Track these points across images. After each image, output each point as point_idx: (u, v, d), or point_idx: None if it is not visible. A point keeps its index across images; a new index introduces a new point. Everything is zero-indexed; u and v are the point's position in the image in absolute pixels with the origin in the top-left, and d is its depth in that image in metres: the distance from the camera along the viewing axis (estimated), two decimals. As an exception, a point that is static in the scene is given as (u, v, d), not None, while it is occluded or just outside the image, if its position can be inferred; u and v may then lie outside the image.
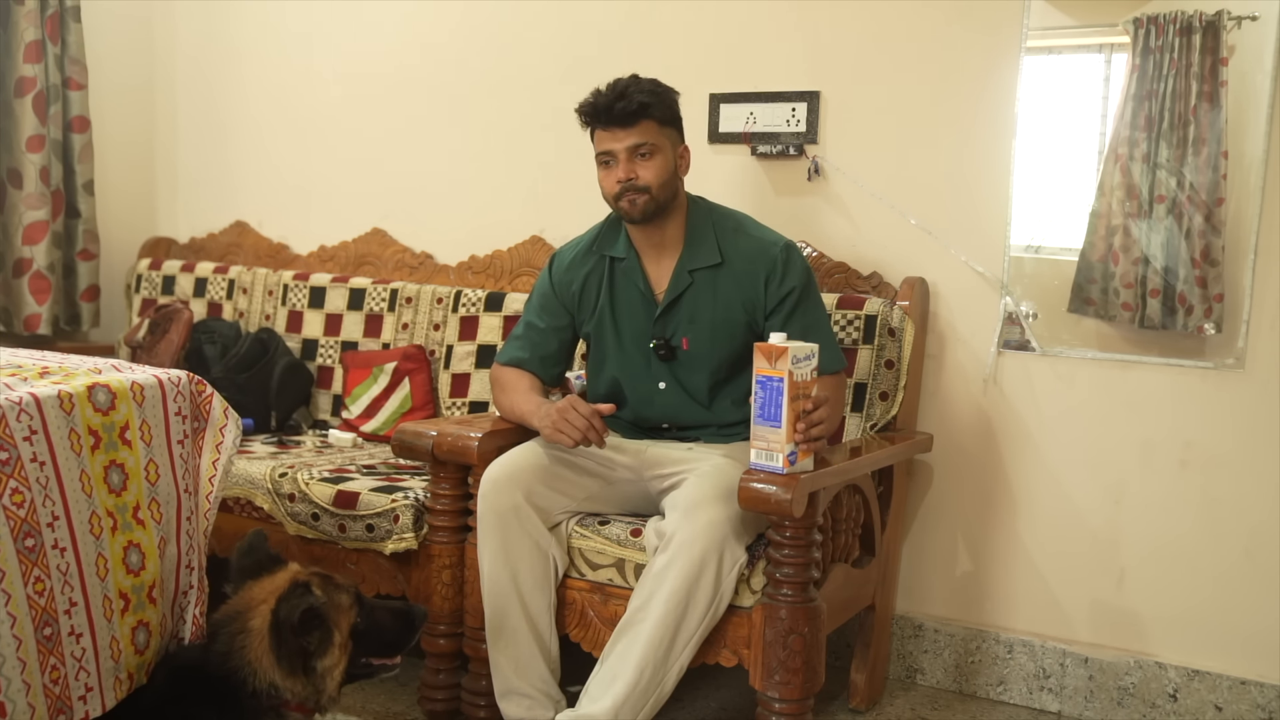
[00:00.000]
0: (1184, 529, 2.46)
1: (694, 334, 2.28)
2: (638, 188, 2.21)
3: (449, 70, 3.22)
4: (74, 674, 1.64)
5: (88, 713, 1.66)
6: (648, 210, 2.23)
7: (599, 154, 2.25)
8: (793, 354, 1.92)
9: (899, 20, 2.64)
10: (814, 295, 2.30)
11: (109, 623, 1.71)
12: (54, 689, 1.61)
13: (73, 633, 1.64)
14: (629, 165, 2.20)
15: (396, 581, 2.43)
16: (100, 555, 1.70)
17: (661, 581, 2.01)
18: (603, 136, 2.23)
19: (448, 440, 2.27)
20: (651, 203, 2.22)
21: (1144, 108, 2.39)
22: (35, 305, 3.31)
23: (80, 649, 1.65)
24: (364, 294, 3.21)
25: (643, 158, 2.21)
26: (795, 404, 1.94)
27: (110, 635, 1.71)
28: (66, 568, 1.64)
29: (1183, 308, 2.39)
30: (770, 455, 1.95)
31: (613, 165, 2.22)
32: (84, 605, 1.66)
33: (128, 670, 1.75)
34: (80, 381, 1.74)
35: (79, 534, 1.66)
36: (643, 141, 2.20)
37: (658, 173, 2.22)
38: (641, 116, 2.19)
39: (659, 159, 2.22)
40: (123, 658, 1.74)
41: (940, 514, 2.70)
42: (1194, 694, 2.45)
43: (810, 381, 1.98)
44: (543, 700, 2.18)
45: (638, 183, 2.20)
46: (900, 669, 2.74)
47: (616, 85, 2.21)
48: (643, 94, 2.19)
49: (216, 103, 3.66)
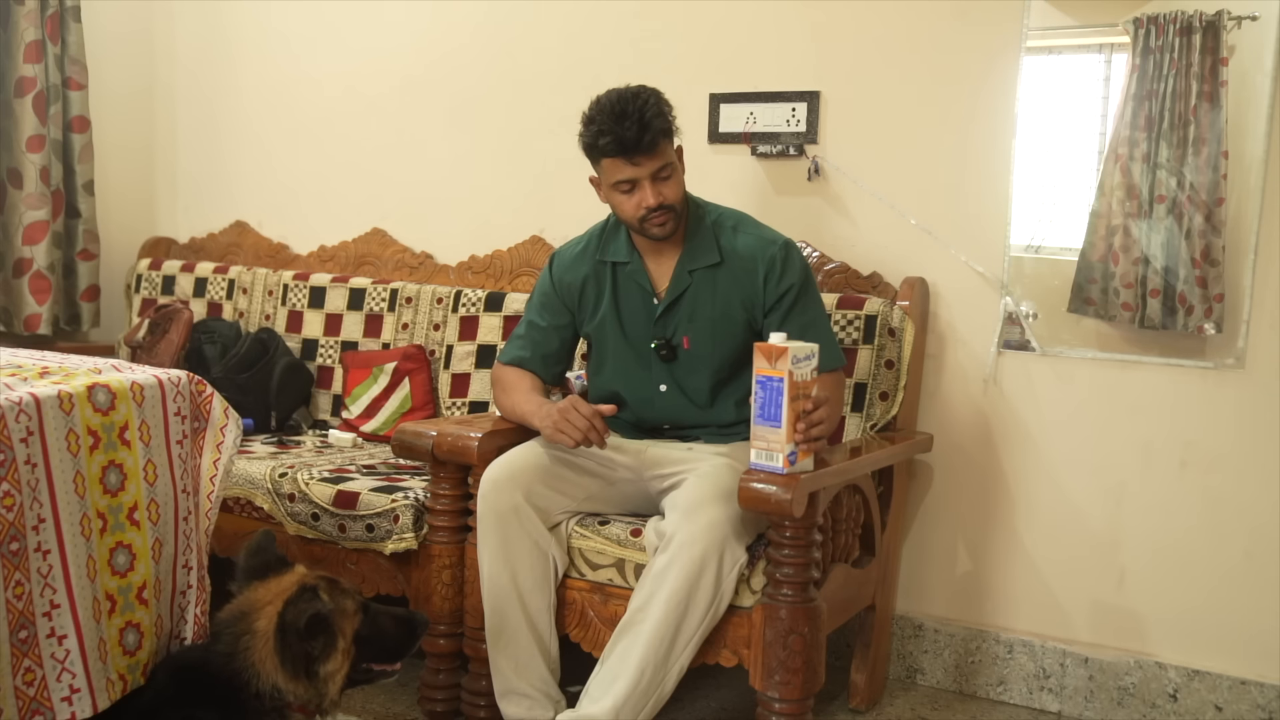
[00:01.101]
0: (1184, 529, 2.46)
1: (694, 332, 2.28)
2: (666, 208, 2.20)
3: (449, 70, 3.22)
4: (55, 676, 1.64)
5: (74, 714, 1.65)
6: (675, 225, 2.24)
7: (619, 182, 2.19)
8: (793, 354, 1.92)
9: (899, 20, 2.64)
10: (813, 293, 2.30)
11: (98, 624, 1.71)
12: (27, 691, 1.61)
13: (53, 634, 1.64)
14: (656, 189, 2.18)
15: (396, 582, 2.42)
16: (90, 557, 1.70)
17: (662, 582, 2.01)
18: (621, 166, 2.17)
19: (448, 440, 2.27)
20: (677, 218, 2.23)
21: (1144, 108, 2.39)
22: (35, 305, 3.31)
23: (64, 651, 1.65)
24: (364, 294, 3.21)
25: (665, 179, 2.20)
26: (795, 404, 1.94)
27: (99, 637, 1.70)
28: (49, 570, 1.63)
29: (1183, 308, 2.39)
30: (770, 455, 1.94)
31: (634, 192, 2.19)
32: (68, 607, 1.65)
33: (118, 671, 1.75)
34: (80, 381, 1.74)
35: (67, 536, 1.66)
36: (666, 163, 2.19)
37: (678, 189, 2.23)
38: (662, 140, 2.17)
39: (677, 176, 2.23)
40: (110, 659, 1.73)
41: (940, 514, 2.70)
42: (1194, 694, 2.45)
43: (810, 382, 1.97)
44: (543, 700, 2.18)
45: (666, 203, 2.19)
46: (900, 669, 2.74)
47: (630, 113, 2.12)
48: (658, 118, 2.15)
49: (217, 103, 3.66)
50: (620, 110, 2.14)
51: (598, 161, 2.23)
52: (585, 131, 2.19)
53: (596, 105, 2.19)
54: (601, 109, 2.16)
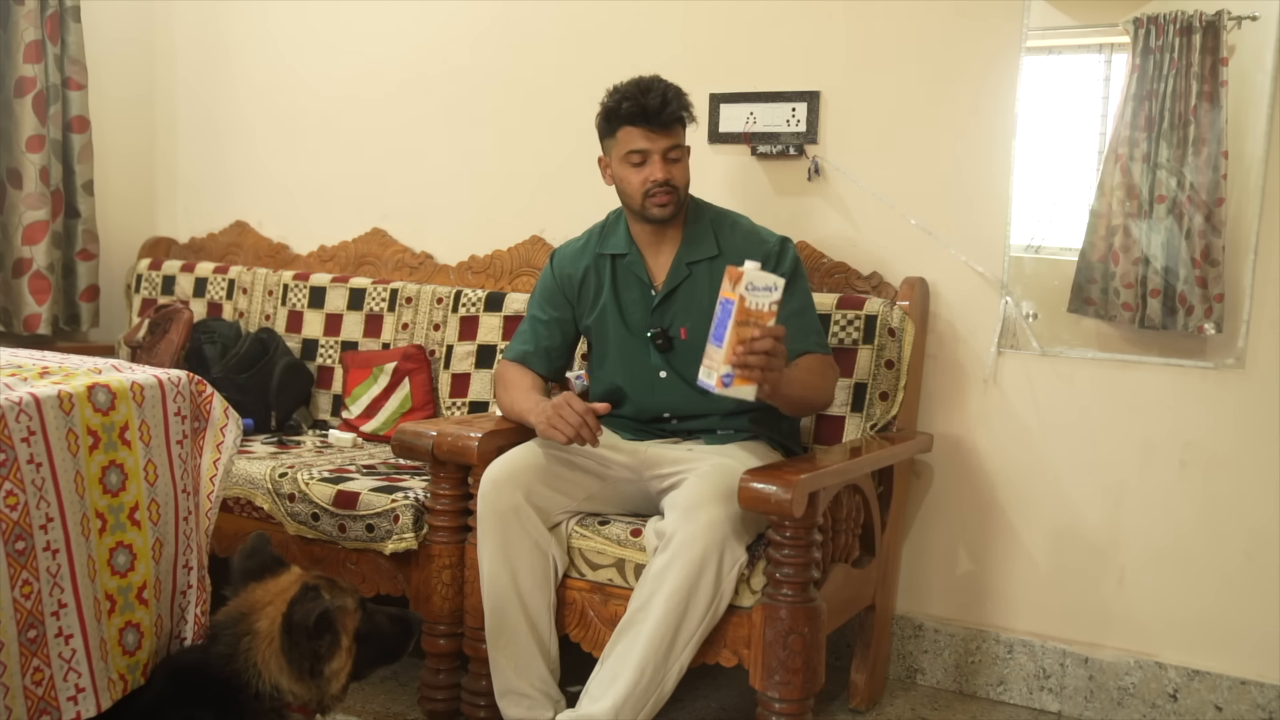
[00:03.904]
0: (1184, 529, 2.46)
1: (691, 323, 2.31)
2: (672, 187, 2.26)
3: (450, 71, 3.22)
4: (62, 675, 1.64)
5: (79, 713, 1.66)
6: (675, 209, 2.29)
7: (631, 152, 2.26)
8: (748, 279, 1.93)
9: (899, 20, 2.64)
10: (803, 285, 2.34)
11: (99, 624, 1.71)
12: (36, 690, 1.61)
13: (60, 634, 1.64)
14: (665, 166, 2.26)
15: (396, 581, 2.42)
16: (90, 556, 1.70)
17: (662, 582, 2.01)
18: (636, 136, 2.25)
19: (448, 440, 2.27)
20: (678, 202, 2.29)
21: (1144, 108, 2.39)
22: (35, 305, 3.31)
23: (70, 650, 1.65)
24: (364, 294, 3.21)
25: (674, 160, 2.28)
26: (742, 329, 1.93)
27: (100, 636, 1.71)
28: (57, 569, 1.64)
29: (1183, 308, 2.39)
30: (709, 373, 1.96)
31: (645, 165, 2.26)
32: (74, 607, 1.65)
33: (118, 671, 1.75)
34: (80, 381, 1.74)
35: (73, 535, 1.66)
36: (678, 144, 2.28)
37: (685, 174, 2.31)
38: (679, 121, 2.28)
39: (685, 161, 2.31)
40: (110, 659, 1.73)
41: (940, 514, 2.70)
42: (1194, 694, 2.45)
43: (767, 313, 1.95)
44: (542, 700, 2.19)
45: (673, 182, 2.26)
46: (900, 669, 2.74)
47: (655, 87, 2.24)
48: (680, 99, 2.27)
49: (217, 103, 3.66)
50: (647, 84, 2.26)
51: (614, 132, 2.29)
52: (608, 99, 2.29)
53: (621, 84, 2.29)
54: (627, 83, 2.28)
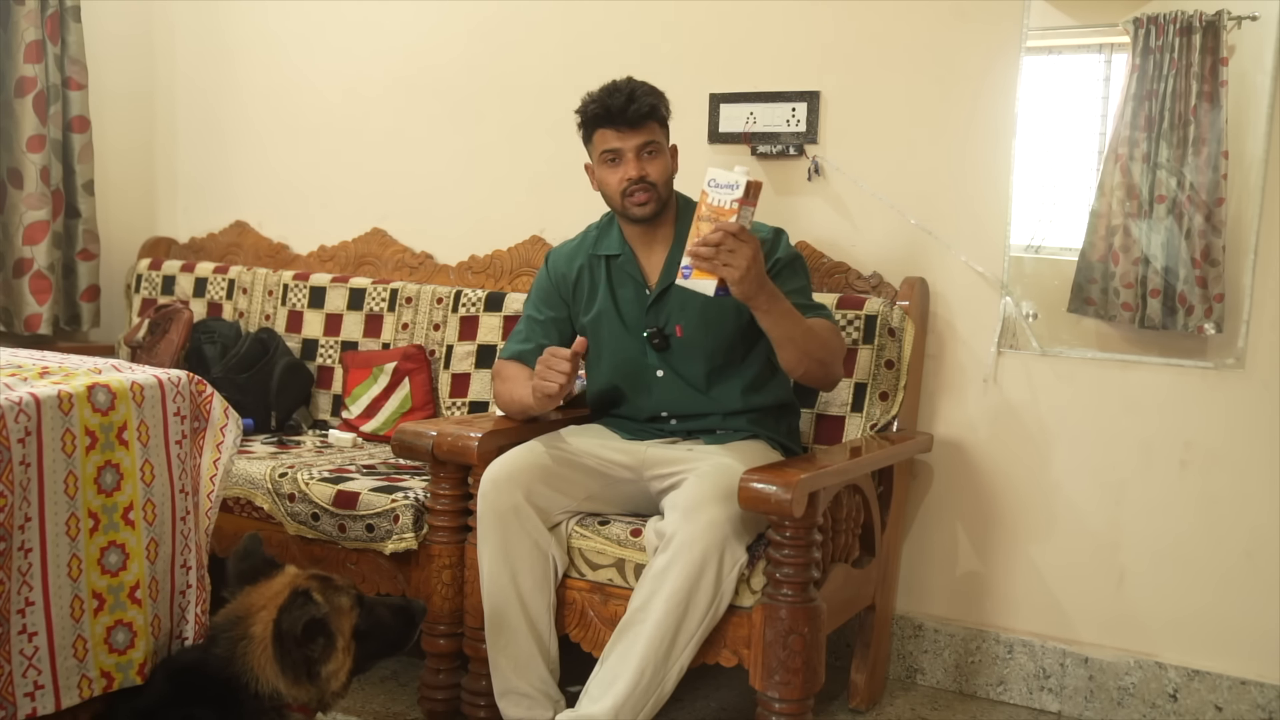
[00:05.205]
0: (1184, 529, 2.46)
1: (686, 321, 2.31)
2: (649, 184, 2.27)
3: (449, 71, 3.22)
4: (21, 671, 1.65)
5: (34, 709, 1.67)
6: (655, 207, 2.30)
7: (604, 152, 2.29)
8: (711, 175, 2.00)
9: (899, 20, 2.64)
10: (801, 267, 2.34)
11: (76, 623, 1.72)
12: None
13: (24, 631, 1.65)
14: (639, 163, 2.27)
15: (396, 581, 2.42)
16: (75, 556, 1.71)
17: (662, 582, 2.01)
18: (609, 136, 2.27)
19: (448, 440, 2.27)
20: (658, 200, 2.29)
21: (1144, 108, 2.39)
22: (35, 305, 3.31)
23: (32, 648, 1.66)
24: (364, 294, 3.21)
25: (649, 156, 2.28)
26: (702, 224, 2.01)
27: (75, 635, 1.71)
28: (28, 568, 1.65)
29: (1183, 308, 2.39)
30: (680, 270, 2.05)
31: (619, 163, 2.28)
32: (42, 605, 1.67)
33: (100, 669, 1.75)
34: (80, 381, 1.74)
35: (50, 536, 1.67)
36: (650, 140, 2.28)
37: (662, 170, 2.30)
38: (650, 118, 2.28)
39: (662, 158, 2.31)
40: (90, 657, 1.74)
41: (940, 514, 2.70)
42: (1194, 694, 2.45)
43: (727, 210, 2.00)
44: (542, 700, 2.18)
45: (648, 178, 2.27)
46: (900, 669, 2.74)
47: (622, 88, 2.27)
48: (650, 96, 2.28)
49: (217, 103, 3.66)
50: (613, 86, 2.29)
51: (590, 137, 2.32)
52: (581, 107, 2.31)
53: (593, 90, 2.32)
54: (599, 88, 2.30)
